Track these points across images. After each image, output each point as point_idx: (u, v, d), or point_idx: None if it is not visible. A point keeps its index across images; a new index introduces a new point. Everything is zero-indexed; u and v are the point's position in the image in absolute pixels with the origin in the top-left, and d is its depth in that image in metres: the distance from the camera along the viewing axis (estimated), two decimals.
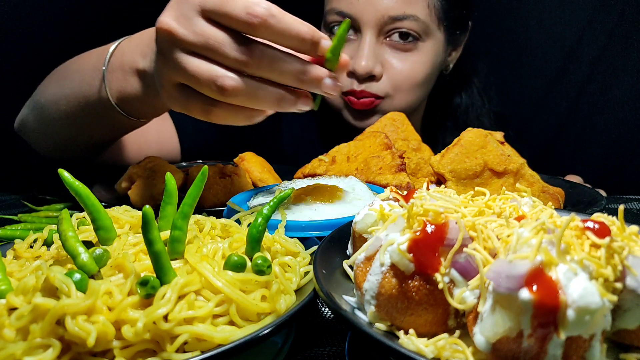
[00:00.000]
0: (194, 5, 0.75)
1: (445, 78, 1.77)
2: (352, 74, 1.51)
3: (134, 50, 1.00)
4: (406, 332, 0.49)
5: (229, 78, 0.75)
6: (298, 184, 1.03)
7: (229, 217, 0.83)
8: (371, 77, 1.50)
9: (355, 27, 1.51)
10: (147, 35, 0.98)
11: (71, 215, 0.72)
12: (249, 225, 0.67)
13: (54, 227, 0.71)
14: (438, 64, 1.61)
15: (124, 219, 0.73)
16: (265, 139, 1.72)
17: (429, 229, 0.49)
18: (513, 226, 0.49)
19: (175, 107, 0.86)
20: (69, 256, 0.58)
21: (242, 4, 0.73)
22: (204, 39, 0.75)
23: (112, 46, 1.05)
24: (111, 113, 1.08)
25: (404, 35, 1.49)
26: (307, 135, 1.82)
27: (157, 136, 1.56)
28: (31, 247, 0.69)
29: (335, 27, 1.55)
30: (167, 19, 0.77)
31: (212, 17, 0.75)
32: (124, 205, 0.78)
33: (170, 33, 0.76)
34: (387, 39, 1.51)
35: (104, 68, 1.04)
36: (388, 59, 1.51)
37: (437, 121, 1.82)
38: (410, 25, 1.48)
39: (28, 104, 1.32)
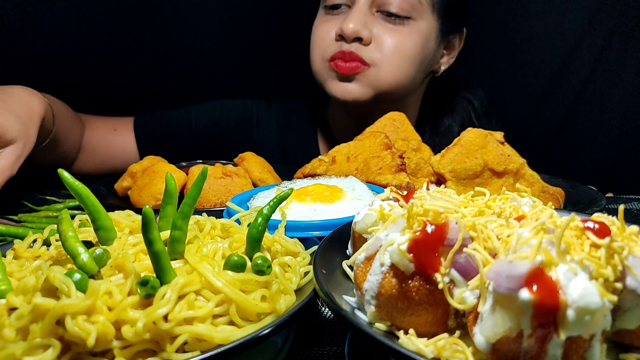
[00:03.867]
0: None
1: (436, 91, 1.75)
2: (340, 37, 1.51)
3: None
4: (406, 332, 0.49)
5: None
6: (298, 184, 1.03)
7: (229, 217, 0.83)
8: (359, 40, 1.49)
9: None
10: None
11: (72, 217, 0.72)
12: (249, 225, 0.67)
13: (54, 227, 0.71)
14: (428, 51, 1.58)
15: (125, 222, 0.73)
16: (235, 147, 1.73)
17: (429, 229, 0.49)
18: (513, 226, 0.49)
19: None
20: (69, 256, 0.58)
21: None
22: None
23: None
24: None
25: (395, 13, 1.49)
26: (284, 145, 1.82)
27: (122, 153, 1.71)
28: (30, 247, 0.69)
29: None
30: None
31: None
32: (127, 210, 0.78)
33: None
34: (379, 13, 1.51)
35: None
36: (378, 30, 1.51)
37: (427, 139, 1.79)
38: None
39: None
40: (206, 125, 1.77)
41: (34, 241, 0.70)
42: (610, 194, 1.46)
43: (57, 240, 0.68)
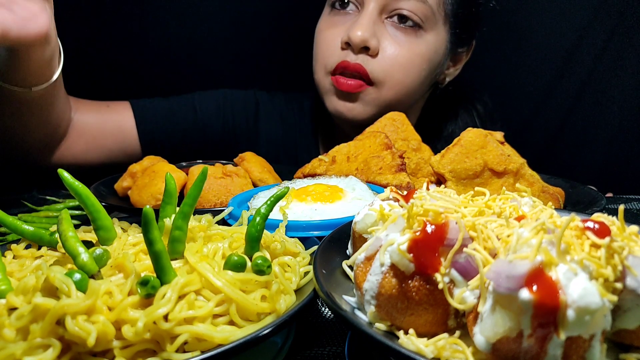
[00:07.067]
0: None
1: (440, 99, 1.73)
2: (347, 45, 1.45)
3: None
4: (406, 332, 0.49)
5: None
6: (298, 184, 1.03)
7: (229, 220, 0.84)
8: (366, 49, 1.43)
9: (359, 1, 1.47)
10: None
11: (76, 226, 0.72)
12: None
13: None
14: (435, 64, 1.55)
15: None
16: (239, 142, 1.71)
17: (429, 229, 0.49)
18: (513, 226, 0.49)
19: None
20: (69, 256, 0.58)
21: None
22: None
23: None
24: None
25: (407, 18, 1.43)
26: (285, 139, 1.79)
27: (116, 130, 1.57)
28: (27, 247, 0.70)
29: None
30: None
31: None
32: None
33: None
34: (389, 19, 1.45)
35: None
36: (386, 40, 1.45)
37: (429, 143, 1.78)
38: (416, 6, 1.42)
39: None
40: (211, 113, 1.70)
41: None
42: (610, 194, 1.46)
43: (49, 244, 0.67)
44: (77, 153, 1.49)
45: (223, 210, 0.87)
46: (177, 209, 0.64)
